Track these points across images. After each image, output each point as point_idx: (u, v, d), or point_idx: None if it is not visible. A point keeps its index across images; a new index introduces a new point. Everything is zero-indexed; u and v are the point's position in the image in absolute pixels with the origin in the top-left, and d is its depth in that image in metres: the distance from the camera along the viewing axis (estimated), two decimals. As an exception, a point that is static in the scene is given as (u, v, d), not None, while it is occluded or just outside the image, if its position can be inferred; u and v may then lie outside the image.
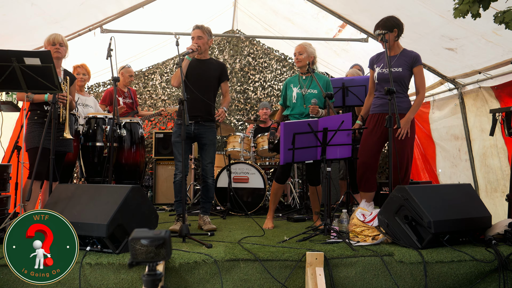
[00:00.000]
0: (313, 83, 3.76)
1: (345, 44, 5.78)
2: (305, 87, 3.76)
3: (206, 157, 3.66)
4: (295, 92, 3.77)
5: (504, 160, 4.40)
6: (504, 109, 3.48)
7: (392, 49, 3.53)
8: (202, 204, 3.72)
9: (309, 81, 3.78)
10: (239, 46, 7.36)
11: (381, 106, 3.53)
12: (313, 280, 2.48)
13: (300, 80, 3.82)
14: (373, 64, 3.62)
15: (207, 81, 3.68)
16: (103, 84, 6.93)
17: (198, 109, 3.60)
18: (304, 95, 3.74)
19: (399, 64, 3.48)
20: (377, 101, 3.58)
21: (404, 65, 3.48)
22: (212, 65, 3.73)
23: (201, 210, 3.72)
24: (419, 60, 3.49)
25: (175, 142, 3.63)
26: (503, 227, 2.84)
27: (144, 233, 1.25)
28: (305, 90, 3.74)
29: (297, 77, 3.87)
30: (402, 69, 3.47)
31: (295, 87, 3.80)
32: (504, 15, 2.42)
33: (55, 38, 3.50)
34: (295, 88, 3.79)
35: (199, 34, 3.60)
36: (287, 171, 3.80)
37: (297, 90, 3.77)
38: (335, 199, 5.40)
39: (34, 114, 3.43)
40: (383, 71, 3.51)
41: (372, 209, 3.14)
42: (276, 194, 3.87)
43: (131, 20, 5.24)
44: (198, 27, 3.63)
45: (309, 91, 3.74)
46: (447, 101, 5.36)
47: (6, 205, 3.65)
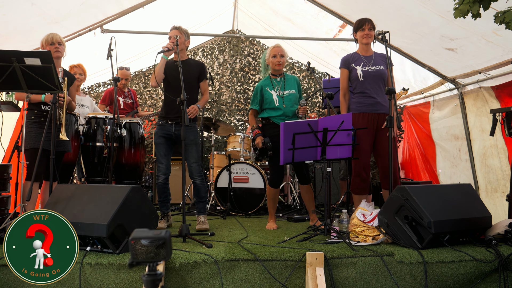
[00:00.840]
0: (288, 84, 3.79)
1: (345, 44, 5.78)
2: (280, 89, 3.77)
3: (189, 157, 3.67)
4: (275, 96, 3.76)
5: (504, 160, 4.40)
6: (504, 109, 3.48)
7: (368, 50, 3.63)
8: (196, 204, 3.76)
9: (282, 83, 3.80)
10: (239, 46, 7.36)
11: (370, 105, 3.52)
12: (313, 280, 2.48)
13: (273, 82, 3.81)
14: (350, 64, 3.61)
15: (187, 82, 3.61)
16: (103, 84, 6.93)
17: (177, 110, 3.60)
18: (284, 97, 3.76)
19: (378, 63, 3.56)
20: (364, 100, 3.54)
21: (382, 63, 3.57)
22: (191, 66, 3.75)
23: (196, 210, 3.76)
24: (391, 61, 3.60)
25: (158, 144, 3.69)
26: (503, 227, 2.84)
27: (144, 233, 1.25)
28: (282, 92, 3.76)
29: (268, 80, 3.83)
30: (384, 67, 3.56)
31: (272, 90, 3.78)
32: (504, 15, 2.42)
33: (53, 38, 3.48)
34: (273, 91, 3.77)
35: (176, 33, 3.63)
36: (281, 175, 3.79)
37: (274, 92, 3.77)
38: (334, 199, 5.40)
39: (31, 114, 3.42)
40: (367, 69, 3.54)
41: (372, 209, 3.14)
42: (274, 199, 3.87)
43: (131, 20, 5.24)
44: (175, 28, 3.69)
45: (287, 93, 3.76)
46: (447, 101, 5.36)
47: (6, 205, 3.65)
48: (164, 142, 3.70)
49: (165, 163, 3.68)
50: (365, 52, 3.61)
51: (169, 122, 3.69)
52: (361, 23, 3.56)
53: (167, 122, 3.70)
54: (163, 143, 3.70)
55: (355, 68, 3.58)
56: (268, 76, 3.87)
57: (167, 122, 3.70)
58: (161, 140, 3.70)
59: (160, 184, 3.68)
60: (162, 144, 3.69)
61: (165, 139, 3.70)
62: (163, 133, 3.70)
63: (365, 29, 3.54)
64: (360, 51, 3.65)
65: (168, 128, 3.69)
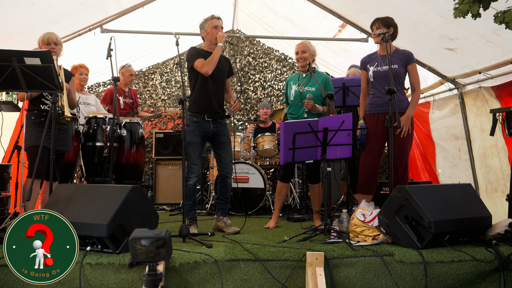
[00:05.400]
0: (311, 81, 3.76)
1: (345, 44, 5.78)
2: (302, 85, 3.76)
3: (226, 156, 3.51)
4: (293, 90, 3.78)
5: (504, 160, 4.40)
6: (504, 109, 3.48)
7: (384, 49, 3.57)
8: (220, 205, 3.57)
9: (308, 79, 3.79)
10: (239, 46, 7.36)
11: (380, 106, 3.52)
12: (313, 280, 2.48)
13: (299, 78, 3.83)
14: (366, 64, 3.62)
15: (223, 76, 3.54)
16: (103, 84, 6.93)
17: (216, 105, 3.44)
18: (301, 92, 3.74)
19: (394, 61, 3.50)
20: (375, 100, 3.55)
21: (399, 62, 3.51)
22: (222, 59, 3.56)
23: (220, 212, 3.56)
24: (413, 58, 3.53)
25: (194, 143, 3.40)
26: (503, 227, 2.84)
27: (144, 233, 1.25)
28: (302, 88, 3.74)
29: (297, 75, 3.89)
30: (398, 66, 3.49)
31: (294, 84, 3.81)
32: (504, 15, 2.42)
33: (49, 38, 3.46)
34: (294, 86, 3.80)
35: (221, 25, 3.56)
36: (290, 169, 3.81)
37: (295, 87, 3.78)
38: (336, 199, 5.40)
39: (31, 114, 3.43)
40: (378, 69, 3.52)
41: (372, 209, 3.14)
42: (280, 192, 3.87)
43: (131, 20, 5.24)
44: (220, 18, 3.59)
45: (306, 89, 3.74)
46: (447, 101, 5.36)
47: (6, 205, 3.65)
48: (200, 142, 3.43)
49: (199, 164, 3.41)
50: (382, 52, 3.59)
51: (207, 119, 3.43)
52: (371, 23, 3.56)
53: (204, 119, 3.43)
54: (199, 143, 3.42)
55: (369, 69, 3.59)
56: (299, 72, 3.93)
57: (204, 118, 3.42)
58: (198, 140, 3.40)
59: (191, 186, 3.36)
60: (198, 144, 3.40)
61: (201, 138, 3.43)
62: (200, 132, 3.42)
63: (373, 29, 3.53)
64: (378, 50, 3.64)
65: (205, 126, 3.43)
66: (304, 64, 3.79)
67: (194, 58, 3.40)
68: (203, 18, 3.59)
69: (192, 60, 3.40)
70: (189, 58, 3.44)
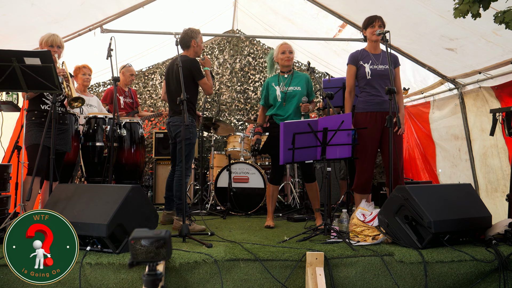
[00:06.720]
0: (294, 81, 3.77)
1: (345, 44, 5.78)
2: (285, 85, 3.77)
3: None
4: (278, 91, 3.78)
5: (504, 160, 4.40)
6: (504, 109, 3.48)
7: (377, 48, 3.60)
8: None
9: (289, 79, 3.80)
10: (239, 46, 7.36)
11: (377, 104, 3.49)
12: (313, 280, 2.48)
13: (280, 79, 3.83)
14: (358, 60, 3.56)
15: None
16: (103, 84, 6.93)
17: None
18: (286, 93, 3.74)
19: (385, 62, 3.52)
20: (372, 99, 3.51)
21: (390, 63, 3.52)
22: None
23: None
24: (398, 61, 3.61)
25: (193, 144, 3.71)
26: (503, 227, 2.84)
27: (144, 233, 1.25)
28: (285, 88, 3.76)
29: (277, 76, 3.88)
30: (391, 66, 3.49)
31: (276, 85, 3.80)
32: (504, 15, 2.42)
33: (54, 40, 3.48)
34: (277, 87, 3.80)
35: None
36: (280, 172, 3.80)
37: (279, 88, 3.78)
38: (336, 199, 5.40)
39: (32, 115, 3.43)
40: (375, 67, 3.51)
41: (372, 209, 3.14)
42: (273, 195, 3.88)
43: (131, 20, 5.24)
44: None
45: (292, 89, 3.76)
46: (447, 101, 5.35)
47: (6, 205, 3.65)
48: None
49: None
50: (374, 50, 3.57)
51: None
52: (371, 19, 3.52)
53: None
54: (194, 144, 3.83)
55: (363, 65, 3.52)
56: (277, 74, 3.91)
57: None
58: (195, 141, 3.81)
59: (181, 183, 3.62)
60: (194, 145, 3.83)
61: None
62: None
63: (375, 26, 3.48)
64: (368, 48, 3.59)
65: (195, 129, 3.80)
66: (290, 64, 3.80)
67: (202, 73, 3.71)
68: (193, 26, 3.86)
69: (202, 76, 3.69)
70: (198, 71, 3.69)
